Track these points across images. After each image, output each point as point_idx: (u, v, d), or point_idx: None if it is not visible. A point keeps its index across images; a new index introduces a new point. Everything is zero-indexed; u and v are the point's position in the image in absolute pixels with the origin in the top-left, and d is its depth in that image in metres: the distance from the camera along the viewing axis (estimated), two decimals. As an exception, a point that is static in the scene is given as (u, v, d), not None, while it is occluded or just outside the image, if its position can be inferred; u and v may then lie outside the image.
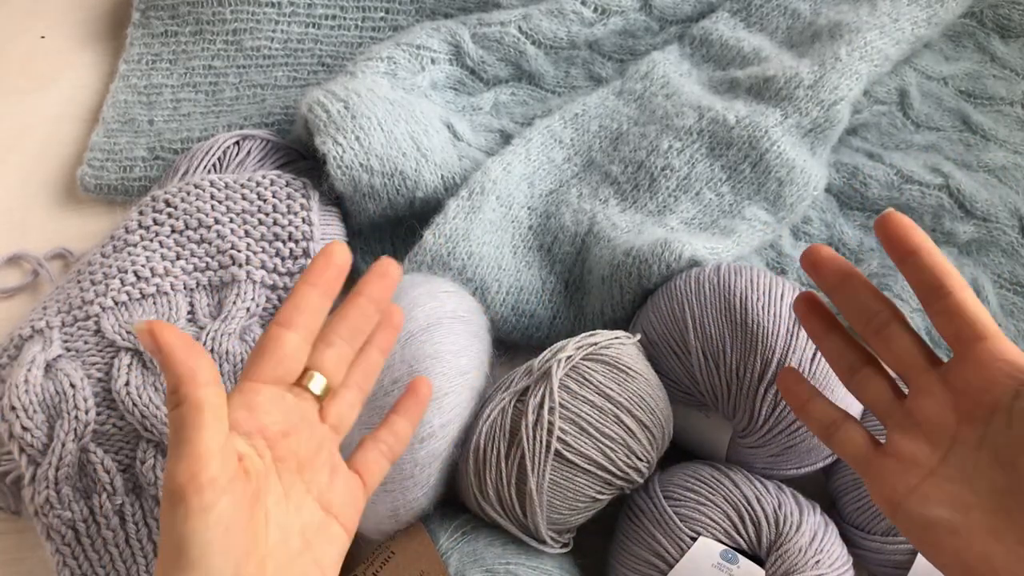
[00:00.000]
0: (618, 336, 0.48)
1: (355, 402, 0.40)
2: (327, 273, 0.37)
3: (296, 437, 0.36)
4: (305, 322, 0.37)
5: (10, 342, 0.55)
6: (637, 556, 0.46)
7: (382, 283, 0.40)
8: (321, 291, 0.37)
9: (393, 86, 0.64)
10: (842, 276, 0.40)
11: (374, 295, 0.39)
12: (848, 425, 0.40)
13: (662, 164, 0.61)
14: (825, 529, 0.46)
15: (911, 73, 0.70)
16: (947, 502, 0.35)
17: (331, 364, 0.38)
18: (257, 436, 0.34)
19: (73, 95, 0.73)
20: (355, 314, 0.39)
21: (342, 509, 0.37)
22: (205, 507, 0.30)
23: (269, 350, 0.36)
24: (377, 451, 0.40)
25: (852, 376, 0.41)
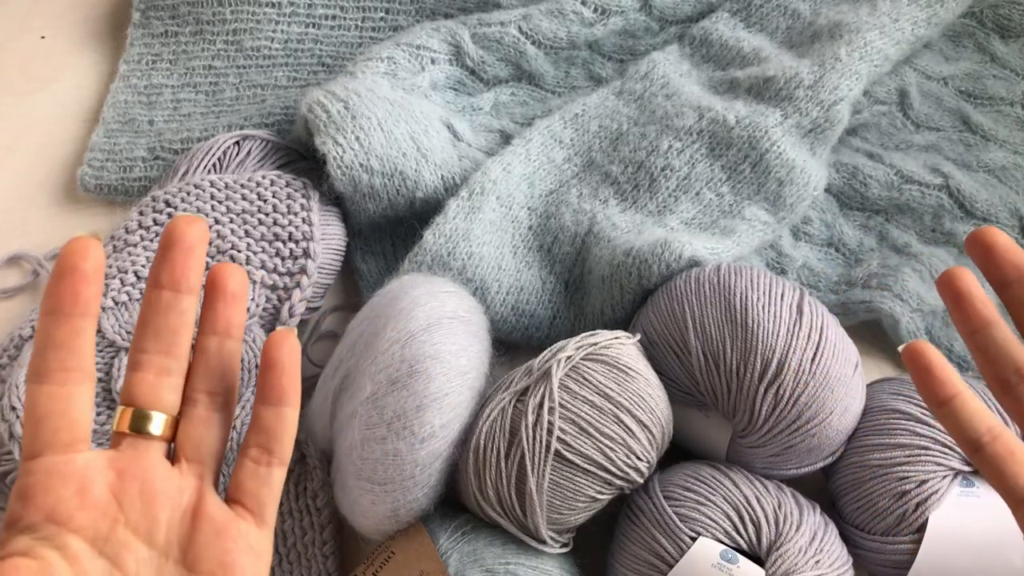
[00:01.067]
0: (618, 336, 0.48)
1: (208, 416, 0.32)
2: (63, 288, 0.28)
3: (114, 502, 0.29)
4: (52, 362, 0.28)
5: (10, 342, 0.55)
6: (637, 556, 0.46)
7: (177, 258, 0.30)
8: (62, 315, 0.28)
9: (393, 86, 0.64)
10: (1019, 271, 0.34)
11: (172, 279, 0.30)
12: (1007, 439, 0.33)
13: (662, 164, 0.61)
14: (825, 529, 0.46)
15: (911, 73, 0.70)
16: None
17: (147, 389, 0.30)
18: (46, 526, 0.27)
19: (73, 95, 0.73)
20: (149, 312, 0.31)
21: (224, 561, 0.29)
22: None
23: (28, 415, 0.28)
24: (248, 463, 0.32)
25: (1016, 385, 0.33)
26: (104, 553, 0.28)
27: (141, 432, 0.30)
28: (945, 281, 0.35)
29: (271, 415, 0.32)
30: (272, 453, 0.32)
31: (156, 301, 0.31)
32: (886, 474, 0.47)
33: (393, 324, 0.47)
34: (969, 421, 0.33)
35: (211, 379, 0.32)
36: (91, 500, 0.28)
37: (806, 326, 0.47)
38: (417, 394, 0.45)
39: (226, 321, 0.32)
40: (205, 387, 0.32)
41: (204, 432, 0.32)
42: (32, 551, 0.27)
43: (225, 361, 0.32)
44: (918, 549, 0.46)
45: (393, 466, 0.45)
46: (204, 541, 0.30)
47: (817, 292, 0.61)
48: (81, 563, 0.27)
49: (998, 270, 0.34)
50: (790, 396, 0.46)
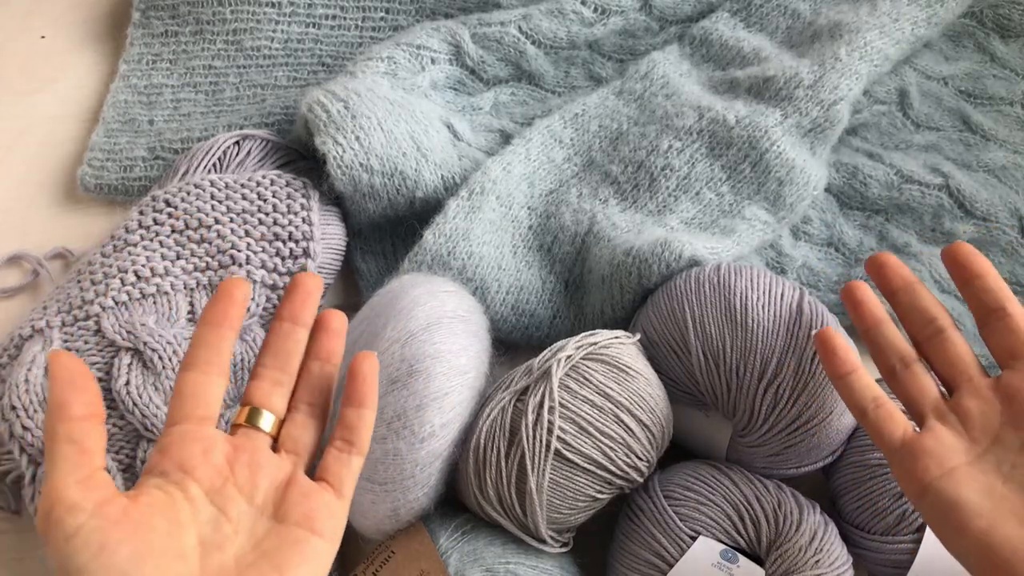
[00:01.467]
0: (618, 336, 0.48)
1: (305, 421, 0.40)
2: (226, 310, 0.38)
3: (229, 466, 0.37)
4: (203, 357, 0.37)
5: (10, 342, 0.55)
6: (637, 556, 0.46)
7: (298, 299, 0.40)
8: (219, 328, 0.38)
9: (393, 86, 0.64)
10: (907, 282, 0.44)
11: (292, 315, 0.40)
12: (889, 406, 0.41)
13: (662, 164, 0.61)
14: (825, 529, 0.46)
15: (911, 73, 0.70)
16: (978, 488, 0.37)
17: (262, 394, 0.39)
18: (176, 472, 0.35)
19: (73, 95, 0.73)
20: (272, 338, 0.40)
21: (308, 517, 0.37)
22: (68, 535, 0.31)
23: (176, 393, 0.37)
24: (333, 450, 0.40)
25: (900, 371, 0.43)
26: (215, 502, 0.36)
27: (254, 425, 0.39)
28: (846, 292, 0.45)
29: (354, 415, 0.39)
30: (352, 444, 0.39)
31: (279, 330, 0.40)
32: (886, 474, 0.47)
33: (393, 324, 0.47)
34: (861, 392, 0.42)
35: (311, 393, 0.40)
36: (211, 460, 0.36)
37: (806, 326, 0.47)
38: (417, 393, 0.45)
39: (329, 351, 0.41)
40: (306, 398, 0.40)
41: (301, 432, 0.40)
42: (162, 487, 0.35)
43: (324, 380, 0.41)
44: (918, 549, 0.46)
45: (393, 466, 0.45)
46: (293, 501, 0.37)
47: (817, 292, 0.61)
48: (196, 504, 0.35)
49: (888, 282, 0.45)
50: (790, 396, 0.46)
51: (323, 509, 0.37)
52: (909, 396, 0.42)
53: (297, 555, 0.36)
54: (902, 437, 0.40)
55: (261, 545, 0.36)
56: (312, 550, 0.36)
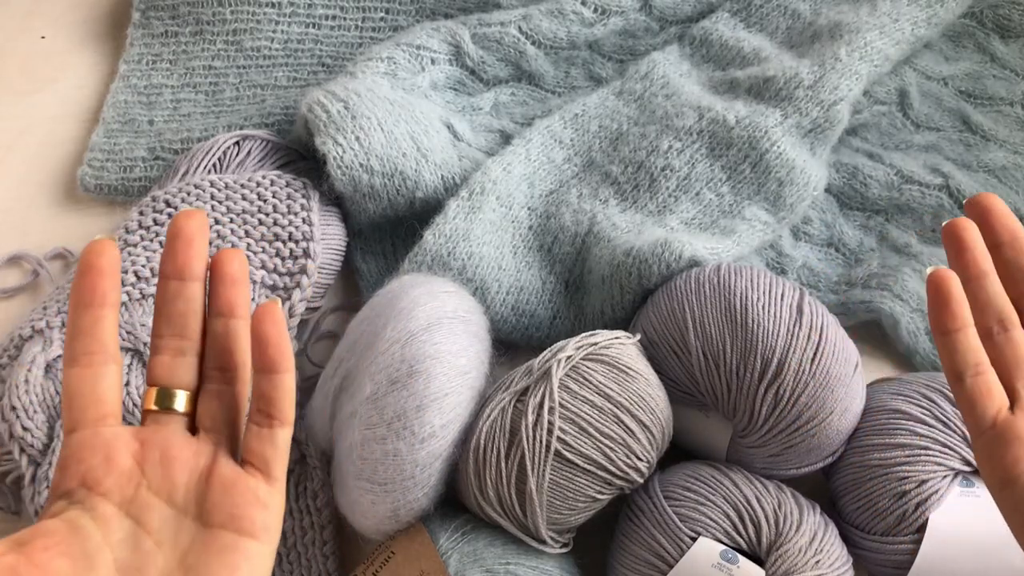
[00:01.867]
0: (618, 336, 0.48)
1: (220, 390, 0.35)
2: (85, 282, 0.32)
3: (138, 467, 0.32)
4: (79, 348, 0.32)
5: (10, 342, 0.55)
6: (637, 556, 0.46)
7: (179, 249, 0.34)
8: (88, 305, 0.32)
9: (393, 86, 0.64)
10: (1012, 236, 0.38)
11: (168, 266, 0.34)
12: (990, 377, 0.37)
13: (662, 164, 0.61)
14: (825, 529, 0.46)
15: (911, 73, 0.70)
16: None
17: (164, 370, 0.34)
18: (79, 491, 0.31)
19: (73, 95, 0.73)
20: (165, 303, 0.34)
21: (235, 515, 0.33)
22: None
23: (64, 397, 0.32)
24: (252, 426, 0.34)
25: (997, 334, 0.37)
26: (130, 514, 0.31)
27: (166, 408, 0.34)
28: (949, 231, 0.39)
29: (266, 382, 0.34)
30: (272, 416, 0.34)
31: (165, 290, 0.34)
32: (886, 474, 0.47)
33: (393, 324, 0.47)
34: (963, 354, 0.37)
35: (220, 356, 0.35)
36: (117, 467, 0.32)
37: (806, 326, 0.47)
38: (417, 394, 0.45)
39: (228, 302, 0.35)
40: (216, 364, 0.35)
41: (218, 405, 0.35)
42: (64, 513, 0.30)
43: (232, 339, 0.35)
44: (918, 549, 0.46)
45: (393, 466, 0.45)
46: (216, 497, 0.33)
47: (817, 292, 0.61)
48: (109, 523, 0.31)
49: (993, 233, 0.38)
50: (790, 396, 0.46)
51: (252, 503, 0.33)
52: (1005, 364, 0.37)
53: (226, 568, 0.31)
54: (995, 417, 0.36)
55: (186, 559, 0.31)
56: (243, 557, 0.32)
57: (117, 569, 0.30)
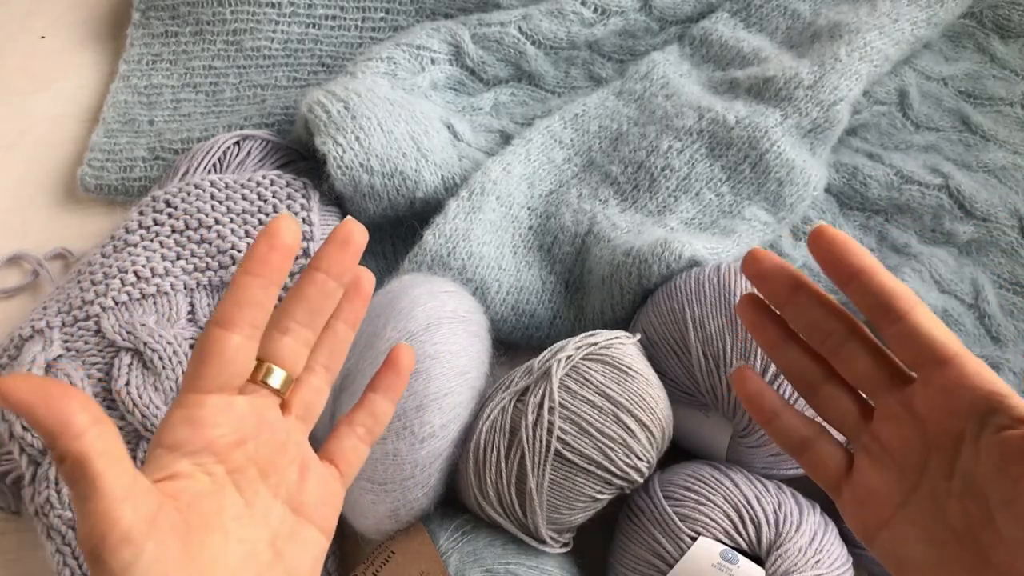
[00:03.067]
0: (618, 336, 0.48)
1: (322, 385, 0.37)
2: (270, 258, 0.32)
3: (253, 443, 0.33)
4: (248, 318, 0.32)
5: (10, 342, 0.55)
6: (637, 556, 0.46)
7: (343, 252, 0.35)
8: (264, 280, 0.32)
9: (393, 86, 0.64)
10: (791, 288, 0.37)
11: (333, 268, 0.35)
12: (822, 442, 0.37)
13: (662, 164, 0.61)
14: (825, 529, 0.46)
15: (911, 73, 0.70)
16: (921, 538, 0.33)
17: (288, 352, 0.35)
18: (204, 453, 0.32)
19: (73, 95, 0.73)
20: (311, 292, 0.35)
21: (316, 509, 0.35)
22: (127, 565, 0.27)
23: (209, 356, 0.32)
24: (354, 437, 0.37)
25: (814, 393, 0.37)
26: (239, 487, 0.33)
27: (267, 384, 0.34)
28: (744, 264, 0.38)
29: (384, 406, 0.38)
30: (373, 435, 0.38)
31: (317, 282, 0.35)
32: (886, 474, 0.47)
33: (393, 324, 0.47)
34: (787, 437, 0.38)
35: (331, 356, 0.37)
36: (240, 438, 0.33)
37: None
38: (417, 394, 0.45)
39: (356, 316, 0.38)
40: (324, 361, 0.37)
41: (315, 398, 0.36)
42: (195, 475, 0.32)
43: (345, 345, 0.37)
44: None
45: (393, 466, 0.45)
46: (308, 490, 0.35)
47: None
48: (223, 488, 0.32)
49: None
50: (790, 396, 0.46)
51: (334, 505, 0.36)
52: (830, 421, 0.38)
53: (308, 558, 0.34)
54: (837, 482, 0.36)
55: (276, 542, 0.33)
56: (319, 550, 0.35)
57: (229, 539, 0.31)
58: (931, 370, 0.33)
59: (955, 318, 0.58)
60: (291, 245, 0.33)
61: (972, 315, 0.59)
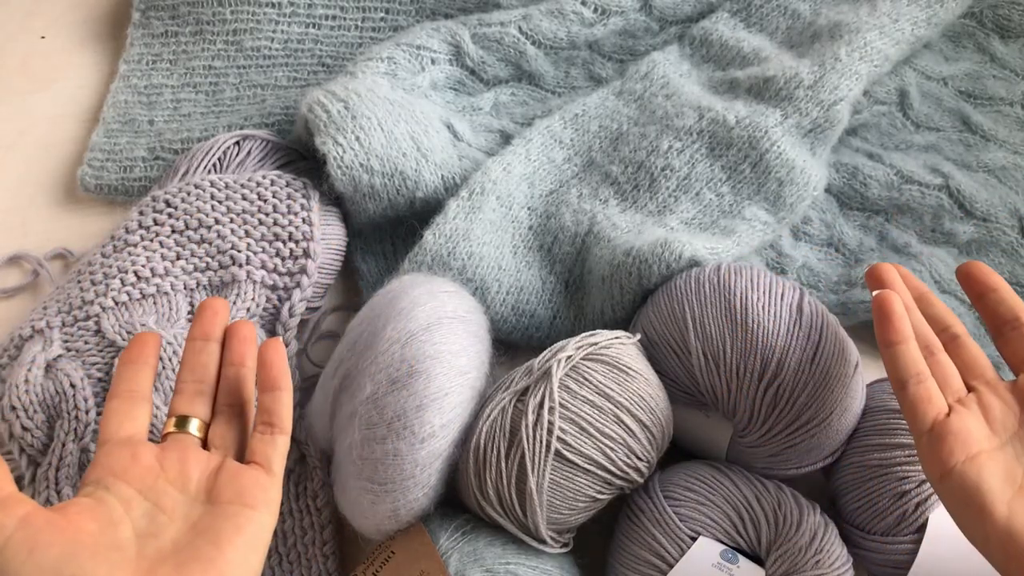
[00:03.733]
0: (618, 336, 0.48)
1: (229, 420, 0.43)
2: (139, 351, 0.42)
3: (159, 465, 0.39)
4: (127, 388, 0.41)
5: (10, 342, 0.55)
6: (637, 556, 0.46)
7: (206, 319, 0.44)
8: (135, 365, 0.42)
9: (393, 86, 0.64)
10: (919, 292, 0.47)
11: (204, 333, 0.44)
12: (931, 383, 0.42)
13: (662, 164, 0.61)
14: (825, 529, 0.46)
15: (911, 73, 0.70)
16: (1001, 474, 0.38)
17: (186, 404, 0.42)
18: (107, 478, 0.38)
19: (73, 95, 0.73)
20: (191, 356, 0.43)
21: (239, 493, 0.39)
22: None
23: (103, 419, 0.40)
24: (257, 435, 0.42)
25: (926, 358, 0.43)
26: (148, 497, 0.38)
27: (182, 430, 0.42)
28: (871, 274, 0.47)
29: (269, 398, 0.42)
30: (273, 424, 0.42)
31: (193, 348, 0.44)
32: (886, 474, 0.47)
33: (393, 324, 0.47)
34: (906, 365, 0.42)
35: (229, 395, 0.43)
36: (140, 462, 0.39)
37: (806, 326, 0.47)
38: (417, 394, 0.45)
39: (239, 356, 0.44)
40: (226, 400, 0.43)
41: (226, 430, 0.43)
42: (92, 493, 0.37)
43: (239, 382, 0.44)
44: (918, 549, 0.46)
45: (393, 466, 0.45)
46: (224, 483, 0.40)
47: (817, 292, 0.61)
48: (130, 503, 0.38)
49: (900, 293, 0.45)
50: (790, 396, 0.46)
51: (254, 485, 0.39)
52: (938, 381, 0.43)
53: (232, 527, 0.38)
54: (934, 420, 0.41)
55: (197, 526, 0.38)
56: (247, 520, 0.38)
57: (135, 535, 0.37)
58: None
59: (955, 318, 0.58)
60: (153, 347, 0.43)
61: (972, 315, 0.59)
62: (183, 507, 0.38)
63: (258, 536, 0.38)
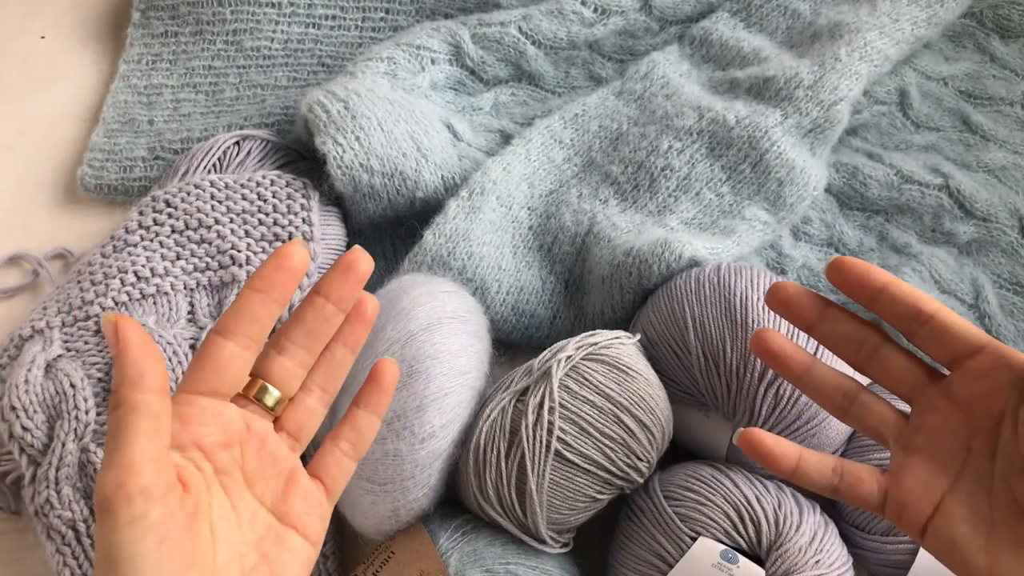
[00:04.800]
0: (618, 336, 0.48)
1: (316, 406, 0.38)
2: (276, 277, 0.34)
3: (240, 449, 0.35)
4: (245, 329, 0.34)
5: (10, 342, 0.55)
6: (637, 556, 0.46)
7: (344, 280, 0.37)
8: (267, 297, 0.34)
9: (393, 86, 0.64)
10: (818, 311, 0.39)
11: (333, 293, 0.36)
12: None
13: (662, 164, 0.61)
14: (825, 529, 0.46)
15: (911, 73, 0.70)
16: (970, 519, 0.35)
17: (283, 372, 0.36)
18: (192, 448, 0.33)
19: (73, 95, 0.73)
20: (310, 315, 0.36)
21: (302, 519, 0.36)
22: (134, 518, 0.29)
23: (204, 359, 0.34)
24: (338, 452, 0.38)
25: (848, 409, 0.39)
26: (224, 487, 0.34)
27: (260, 401, 0.36)
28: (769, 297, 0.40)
29: (368, 422, 0.39)
30: (357, 450, 0.38)
31: (317, 308, 0.36)
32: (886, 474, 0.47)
33: (393, 324, 0.47)
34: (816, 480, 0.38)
35: (328, 378, 0.38)
36: (227, 440, 0.34)
37: (806, 326, 0.47)
38: (417, 394, 0.45)
39: (356, 340, 0.38)
40: (321, 383, 0.38)
41: (307, 419, 0.38)
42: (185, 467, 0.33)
43: (342, 368, 0.38)
44: (918, 549, 0.46)
45: (393, 466, 0.45)
46: (293, 501, 0.36)
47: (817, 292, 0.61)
48: (211, 485, 0.33)
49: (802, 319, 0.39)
50: (790, 396, 0.46)
51: (320, 516, 0.37)
52: (869, 431, 0.39)
53: (295, 564, 0.35)
54: (879, 492, 0.37)
55: (261, 545, 0.34)
56: (306, 558, 0.35)
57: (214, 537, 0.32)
58: (967, 359, 0.36)
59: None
60: (298, 269, 0.35)
61: (972, 315, 0.59)
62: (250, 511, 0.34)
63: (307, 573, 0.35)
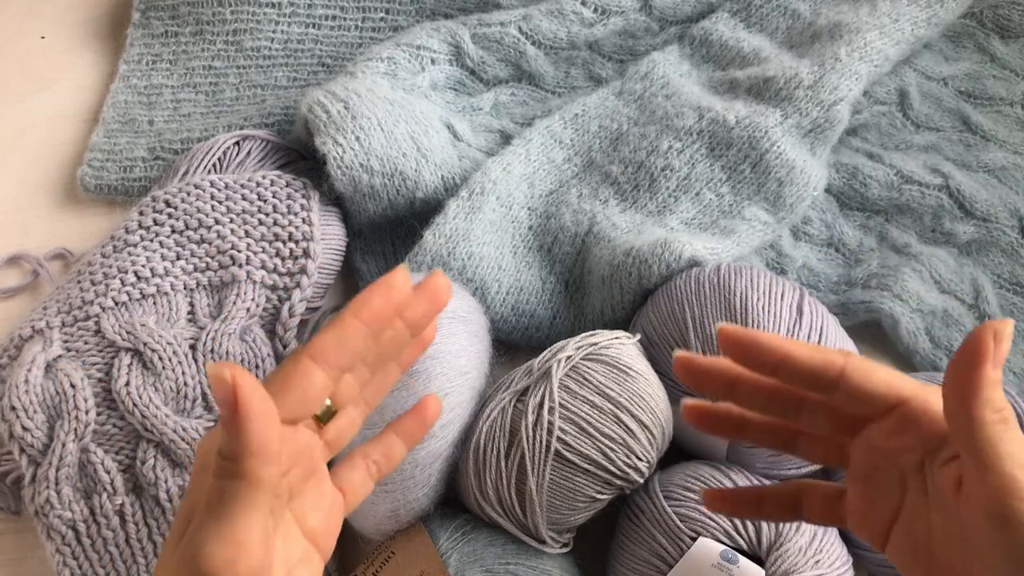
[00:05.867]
0: (618, 336, 0.48)
1: (356, 418, 0.36)
2: (384, 311, 0.32)
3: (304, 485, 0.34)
4: (340, 361, 0.32)
5: (10, 342, 0.55)
6: (637, 556, 0.46)
7: (431, 308, 0.35)
8: (370, 333, 0.32)
9: (393, 86, 0.64)
10: (729, 383, 0.35)
11: (415, 320, 0.35)
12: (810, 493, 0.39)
13: (662, 164, 0.61)
14: (825, 529, 0.46)
15: (911, 73, 0.70)
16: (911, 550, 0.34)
17: (344, 388, 0.35)
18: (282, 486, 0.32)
19: (73, 95, 0.73)
20: (388, 337, 0.34)
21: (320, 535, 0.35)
22: (256, 480, 0.28)
23: (294, 389, 0.31)
24: (364, 470, 0.37)
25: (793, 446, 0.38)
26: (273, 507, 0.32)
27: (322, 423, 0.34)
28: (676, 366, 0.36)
29: (399, 449, 0.38)
30: (382, 473, 0.38)
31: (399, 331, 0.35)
32: (886, 474, 0.47)
33: (393, 324, 0.47)
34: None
35: (376, 394, 0.37)
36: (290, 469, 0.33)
37: (806, 326, 0.47)
38: (417, 394, 0.45)
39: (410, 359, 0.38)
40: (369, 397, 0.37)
41: (348, 431, 0.36)
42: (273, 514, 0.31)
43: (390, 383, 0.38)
44: (918, 549, 0.46)
45: (393, 466, 0.45)
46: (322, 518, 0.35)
47: (817, 292, 0.61)
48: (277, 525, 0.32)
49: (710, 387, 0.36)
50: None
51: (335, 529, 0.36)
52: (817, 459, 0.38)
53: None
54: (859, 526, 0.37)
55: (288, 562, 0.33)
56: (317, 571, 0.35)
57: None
58: (881, 419, 0.34)
59: (955, 318, 0.58)
60: (404, 302, 0.33)
61: (972, 315, 0.59)
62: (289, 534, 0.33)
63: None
